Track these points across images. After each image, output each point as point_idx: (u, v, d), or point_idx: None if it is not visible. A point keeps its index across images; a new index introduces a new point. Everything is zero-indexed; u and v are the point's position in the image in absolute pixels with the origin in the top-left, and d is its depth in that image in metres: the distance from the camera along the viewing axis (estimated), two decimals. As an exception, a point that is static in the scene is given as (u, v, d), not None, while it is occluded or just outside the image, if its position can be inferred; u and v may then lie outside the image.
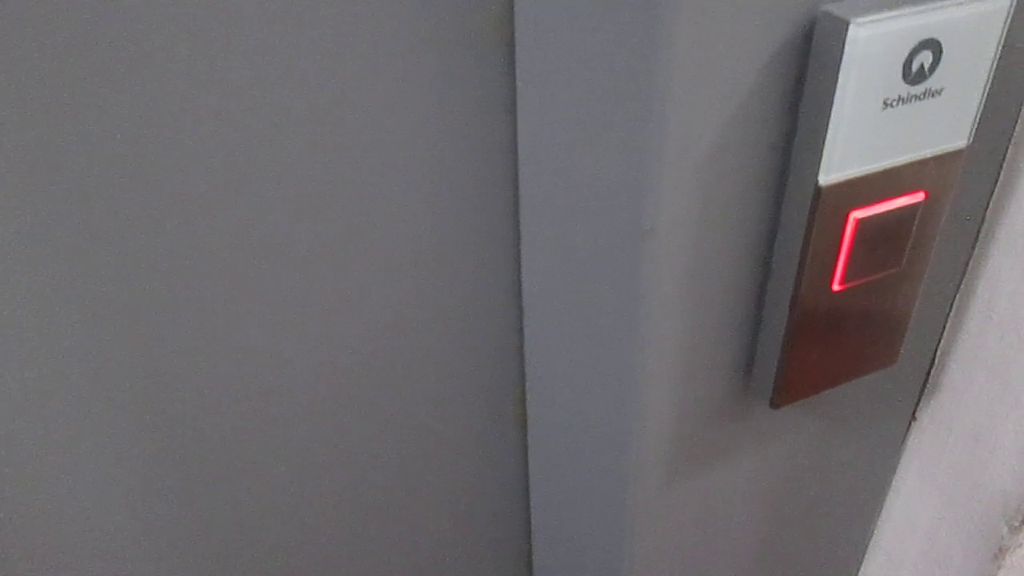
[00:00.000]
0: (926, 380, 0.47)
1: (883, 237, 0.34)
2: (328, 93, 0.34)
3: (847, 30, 0.28)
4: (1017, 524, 0.45)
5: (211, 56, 0.31)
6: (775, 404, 0.38)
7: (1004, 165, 0.39)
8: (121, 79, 0.30)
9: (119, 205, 0.33)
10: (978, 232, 0.41)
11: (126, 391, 0.37)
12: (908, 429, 0.50)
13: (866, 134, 0.30)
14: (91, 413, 0.37)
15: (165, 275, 0.35)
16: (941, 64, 0.30)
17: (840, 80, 0.29)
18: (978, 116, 0.32)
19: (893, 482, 0.52)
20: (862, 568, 0.57)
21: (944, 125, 0.32)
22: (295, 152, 0.34)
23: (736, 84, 0.29)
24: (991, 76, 0.31)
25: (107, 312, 0.35)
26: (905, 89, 0.30)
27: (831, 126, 0.30)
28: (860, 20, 0.28)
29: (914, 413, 0.49)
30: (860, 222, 0.33)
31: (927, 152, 0.32)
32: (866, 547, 0.56)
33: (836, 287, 0.34)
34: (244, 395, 0.40)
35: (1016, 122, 0.37)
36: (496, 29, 0.35)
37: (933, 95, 0.31)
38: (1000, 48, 0.31)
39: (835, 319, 0.36)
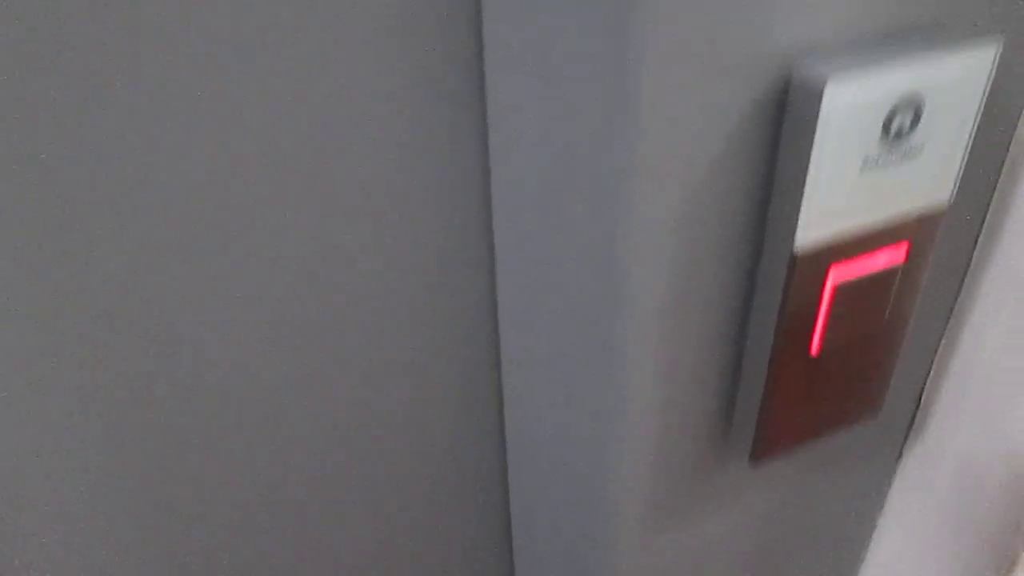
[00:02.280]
0: (912, 421, 0.46)
1: (863, 297, 0.32)
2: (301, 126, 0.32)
3: (824, 87, 0.26)
4: (1004, 571, 0.44)
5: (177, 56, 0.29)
6: (754, 460, 0.37)
7: (987, 216, 0.37)
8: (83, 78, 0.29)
9: (91, 205, 0.31)
10: (963, 278, 0.40)
11: (99, 391, 0.35)
12: (894, 470, 0.49)
13: (844, 195, 0.29)
14: (71, 412, 0.36)
15: (138, 274, 0.33)
16: (923, 121, 0.29)
17: (816, 140, 0.27)
18: (961, 173, 0.31)
19: (879, 524, 0.51)
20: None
21: (926, 183, 0.31)
22: (276, 156, 0.33)
23: (709, 144, 0.28)
24: (974, 131, 0.30)
25: (82, 311, 0.33)
26: (885, 148, 0.29)
27: (807, 188, 0.28)
28: (836, 79, 0.26)
29: (900, 452, 0.48)
30: (839, 284, 0.31)
31: (907, 211, 0.31)
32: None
33: (815, 347, 0.33)
34: (214, 398, 0.38)
35: (1000, 172, 0.36)
36: (468, 106, 0.34)
37: (914, 153, 0.29)
38: (984, 102, 0.30)
39: (815, 376, 0.35)
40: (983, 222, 0.38)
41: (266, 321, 0.36)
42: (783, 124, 0.28)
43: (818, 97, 0.26)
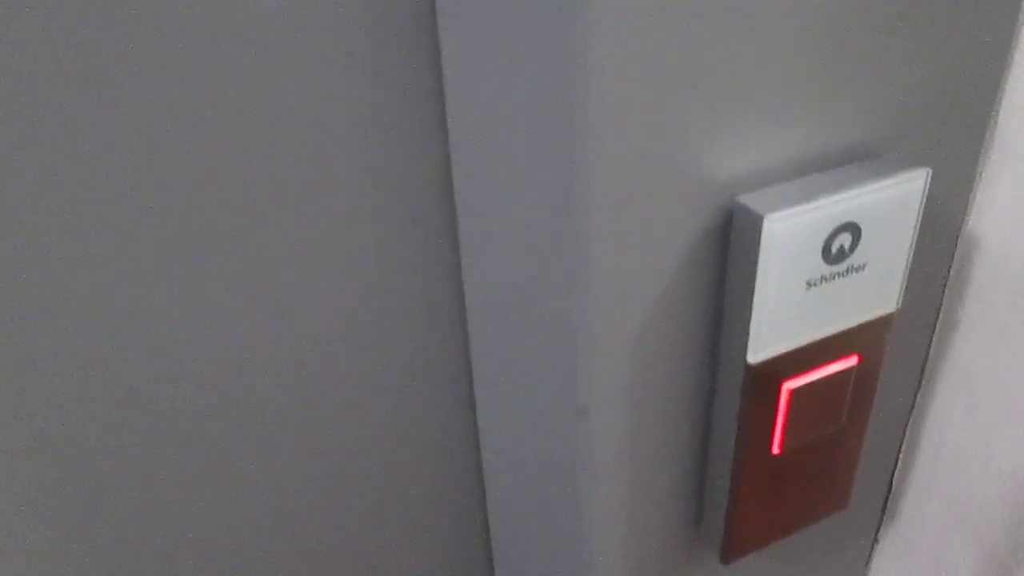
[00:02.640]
0: (884, 509, 0.47)
1: (819, 402, 0.34)
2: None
3: (762, 224, 0.28)
4: (983, 655, 0.45)
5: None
6: (725, 560, 0.38)
7: (942, 311, 0.39)
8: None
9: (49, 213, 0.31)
10: (922, 374, 0.41)
11: (77, 393, 0.35)
12: (872, 551, 0.49)
13: (791, 312, 0.31)
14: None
15: (102, 280, 0.33)
16: (861, 243, 0.30)
17: (760, 268, 0.29)
18: (904, 281, 0.33)
19: (860, 607, 0.51)
20: None
21: (871, 295, 0.32)
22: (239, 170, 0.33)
23: (659, 270, 0.30)
24: (913, 245, 0.32)
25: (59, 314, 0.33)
26: (827, 269, 0.30)
27: (755, 309, 0.30)
28: (774, 215, 0.28)
29: (876, 536, 0.49)
30: (793, 392, 0.33)
31: (856, 321, 0.33)
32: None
33: (776, 451, 0.34)
34: (179, 405, 0.37)
35: (948, 273, 0.38)
36: (436, 199, 0.35)
37: (856, 270, 0.31)
38: (920, 220, 0.31)
39: (779, 478, 0.36)
40: (936, 320, 0.39)
41: (230, 330, 0.36)
42: (729, 250, 0.30)
43: (758, 230, 0.28)
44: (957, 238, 0.36)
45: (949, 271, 0.38)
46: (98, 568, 0.40)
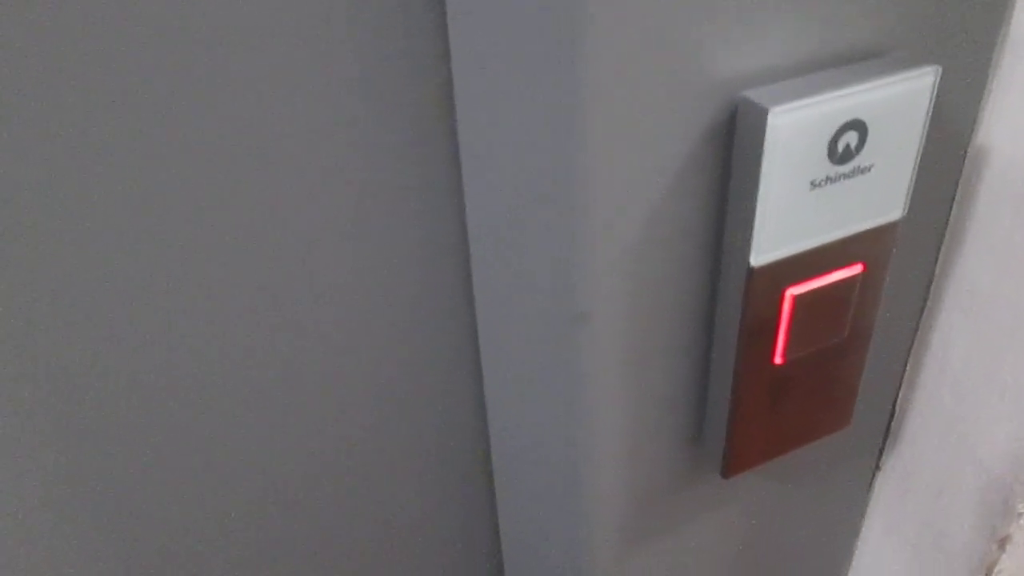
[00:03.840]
0: (887, 432, 0.47)
1: (823, 310, 0.33)
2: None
3: (767, 117, 0.27)
4: (982, 577, 0.45)
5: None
6: (726, 474, 0.37)
7: (949, 226, 0.38)
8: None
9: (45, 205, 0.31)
10: (928, 291, 0.41)
11: (86, 389, 0.36)
12: (872, 479, 0.49)
13: (795, 214, 0.30)
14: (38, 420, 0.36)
15: (96, 276, 0.33)
16: (868, 142, 0.30)
17: (764, 165, 0.28)
18: (911, 188, 0.32)
19: (861, 534, 0.52)
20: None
21: (876, 199, 0.32)
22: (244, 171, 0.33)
23: (661, 169, 0.29)
24: (921, 148, 0.31)
25: (58, 311, 0.34)
26: (832, 169, 0.30)
27: (759, 209, 0.29)
28: (778, 108, 0.27)
29: (878, 463, 0.49)
30: (797, 299, 0.32)
31: (861, 226, 0.32)
32: (837, 599, 0.55)
33: (778, 360, 0.34)
34: (188, 401, 0.38)
35: (956, 184, 0.37)
36: (436, 107, 0.35)
37: (862, 172, 0.31)
38: (928, 121, 0.31)
39: (780, 390, 0.35)
40: (943, 234, 0.39)
41: (243, 324, 0.37)
42: (733, 148, 0.29)
43: (762, 125, 0.28)
44: (966, 147, 0.36)
45: (957, 182, 0.37)
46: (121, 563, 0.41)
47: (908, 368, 0.44)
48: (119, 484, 0.39)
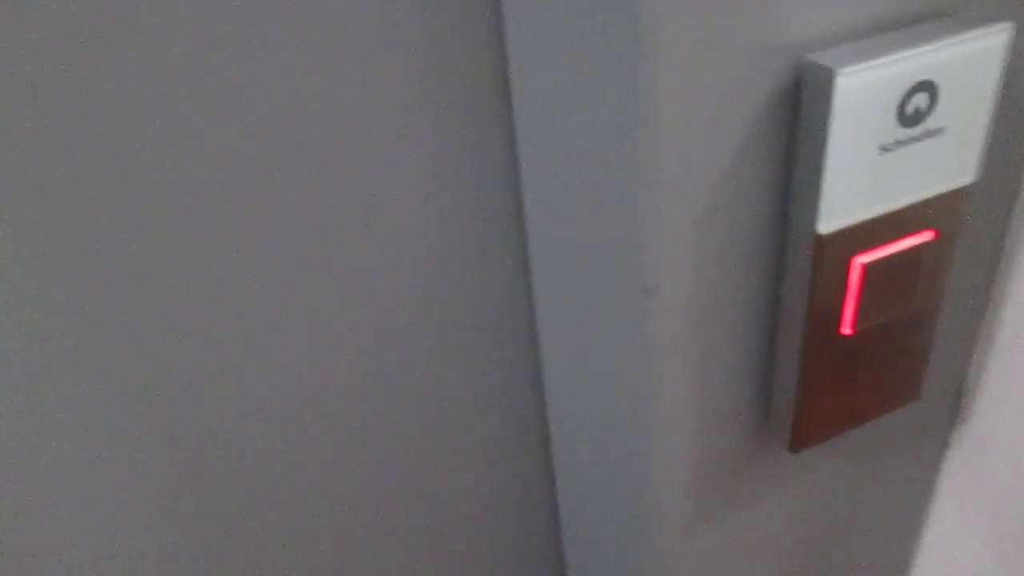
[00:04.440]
0: (957, 407, 0.46)
1: (892, 279, 0.33)
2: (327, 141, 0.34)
3: (834, 79, 0.27)
4: (1061, 555, 0.44)
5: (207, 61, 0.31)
6: (794, 448, 0.37)
7: (1021, 191, 0.37)
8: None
9: (107, 206, 0.32)
10: (999, 258, 0.40)
11: (129, 399, 0.37)
12: (942, 458, 0.48)
13: (864, 180, 0.30)
14: (90, 420, 0.37)
15: (165, 279, 0.34)
16: (939, 104, 0.29)
17: (831, 129, 0.28)
18: (984, 151, 0.31)
19: (931, 513, 0.51)
20: (905, 599, 0.55)
21: (948, 163, 0.31)
22: (298, 162, 0.34)
23: (727, 136, 0.29)
24: (994, 111, 0.30)
25: (103, 317, 0.34)
26: (902, 132, 0.29)
27: (826, 175, 0.29)
28: (846, 69, 0.27)
29: (947, 440, 0.48)
30: (866, 267, 0.32)
31: (932, 192, 0.31)
32: (908, 578, 0.54)
33: (846, 331, 0.34)
34: (249, 406, 0.39)
35: (1029, 149, 0.36)
36: (494, 99, 0.35)
37: (933, 135, 0.30)
38: (1001, 81, 0.30)
39: (849, 361, 0.35)
40: (1016, 200, 0.38)
41: (305, 325, 0.38)
42: (799, 113, 0.29)
43: (829, 87, 0.27)
44: (1041, 109, 0.35)
45: (1031, 146, 0.36)
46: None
47: (980, 339, 0.43)
48: (158, 476, 0.40)
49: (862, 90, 0.27)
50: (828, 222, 0.30)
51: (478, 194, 0.37)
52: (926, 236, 0.32)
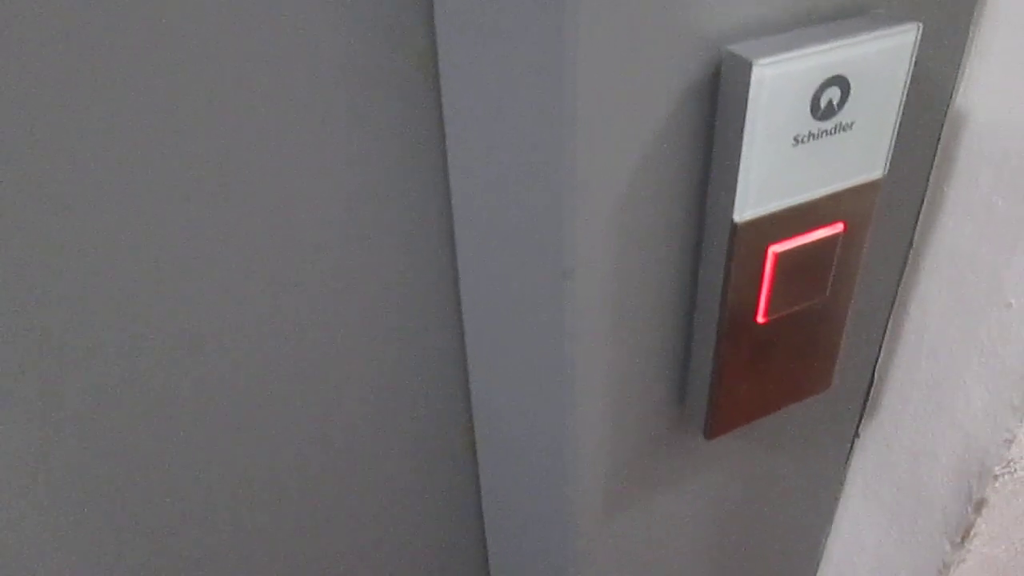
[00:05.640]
0: (866, 399, 0.47)
1: (804, 269, 0.34)
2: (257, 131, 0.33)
3: (751, 70, 0.28)
4: (959, 540, 0.46)
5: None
6: (709, 435, 0.38)
7: (928, 190, 0.39)
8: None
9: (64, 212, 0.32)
10: (907, 255, 0.41)
11: (76, 395, 0.36)
12: (851, 448, 0.50)
13: (779, 170, 0.30)
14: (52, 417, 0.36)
15: (109, 276, 0.34)
16: (850, 99, 0.30)
17: (748, 119, 0.29)
18: (892, 147, 0.33)
19: (840, 501, 0.52)
20: (815, 586, 0.57)
21: (858, 157, 0.32)
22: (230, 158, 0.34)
23: (646, 124, 0.29)
24: (902, 107, 0.32)
25: (53, 314, 0.34)
26: (815, 125, 0.30)
27: (742, 164, 0.30)
28: (763, 61, 0.28)
29: (856, 431, 0.49)
30: (779, 256, 0.33)
31: (843, 184, 0.32)
32: (817, 566, 0.56)
33: (760, 319, 0.34)
34: (182, 401, 0.39)
35: (936, 147, 0.38)
36: (423, 76, 0.35)
37: (844, 129, 0.31)
38: (909, 79, 0.31)
39: (763, 349, 0.36)
40: (923, 198, 0.39)
41: (233, 325, 0.37)
42: (718, 102, 0.30)
43: (746, 78, 0.28)
44: (946, 108, 0.36)
45: (937, 145, 0.37)
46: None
47: (888, 333, 0.44)
48: (110, 479, 0.39)
49: (777, 81, 0.28)
50: (744, 211, 0.31)
51: (404, 175, 0.37)
52: (837, 228, 0.34)
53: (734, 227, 0.31)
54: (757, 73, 0.28)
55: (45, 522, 0.39)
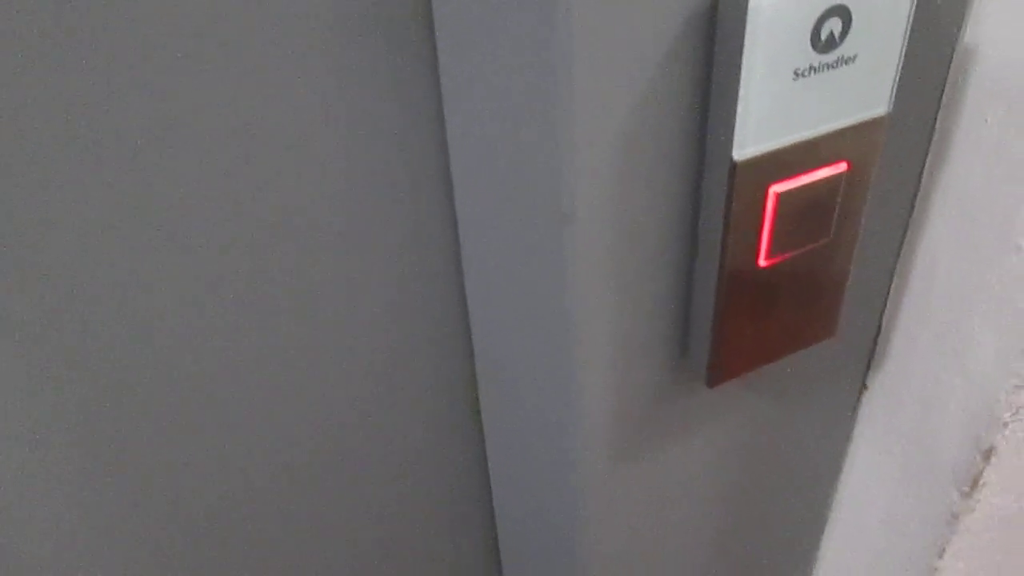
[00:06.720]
0: (873, 348, 0.47)
1: (807, 210, 0.33)
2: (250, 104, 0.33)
3: (748, 1, 0.27)
4: (967, 489, 0.45)
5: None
6: (711, 383, 0.37)
7: (936, 128, 0.38)
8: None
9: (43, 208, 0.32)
10: (914, 197, 0.40)
11: (73, 390, 0.36)
12: (859, 398, 0.49)
13: (779, 106, 0.30)
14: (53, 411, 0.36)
15: (101, 275, 0.34)
16: (852, 30, 0.29)
17: (745, 51, 0.28)
18: (896, 81, 0.32)
19: (849, 452, 0.52)
20: (823, 539, 0.57)
21: (861, 93, 0.31)
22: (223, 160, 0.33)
23: (642, 61, 0.29)
24: (906, 40, 0.31)
25: (49, 311, 0.34)
26: (816, 58, 0.29)
27: (741, 100, 0.29)
28: (761, -11, 0.27)
29: (864, 382, 0.49)
30: (780, 196, 0.32)
31: (846, 122, 0.32)
32: (826, 518, 0.55)
33: (762, 262, 0.34)
34: (181, 399, 0.39)
35: (944, 85, 0.36)
36: (417, 31, 0.34)
37: (846, 62, 0.30)
38: (913, 10, 0.30)
39: (765, 294, 0.35)
40: (930, 138, 0.38)
41: (235, 325, 0.37)
42: (715, 36, 0.29)
43: (743, 9, 0.27)
44: (954, 42, 0.35)
45: (945, 82, 0.36)
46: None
47: (894, 279, 0.43)
48: (115, 475, 0.40)
49: (776, 10, 0.27)
50: (743, 148, 0.30)
51: (403, 125, 0.36)
52: (840, 167, 0.33)
53: (733, 165, 0.30)
54: (754, 3, 0.27)
55: (45, 520, 0.39)
